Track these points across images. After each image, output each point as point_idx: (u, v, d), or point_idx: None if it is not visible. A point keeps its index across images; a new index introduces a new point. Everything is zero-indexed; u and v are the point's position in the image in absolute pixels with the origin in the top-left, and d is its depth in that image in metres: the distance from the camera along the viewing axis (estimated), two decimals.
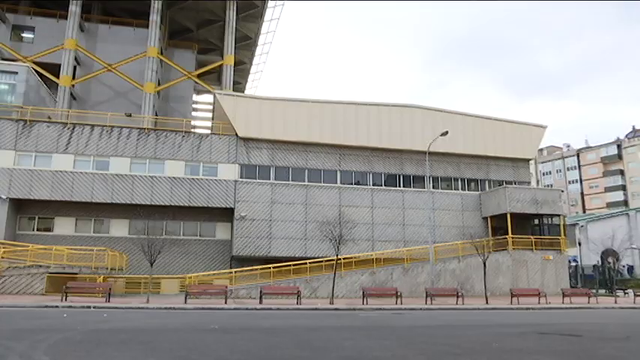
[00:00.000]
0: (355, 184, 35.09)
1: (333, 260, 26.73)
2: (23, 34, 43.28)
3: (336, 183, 34.56)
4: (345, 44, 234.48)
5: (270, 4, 48.03)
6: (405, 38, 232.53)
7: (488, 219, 36.30)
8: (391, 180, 35.96)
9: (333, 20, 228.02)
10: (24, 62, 35.84)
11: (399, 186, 35.90)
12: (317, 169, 34.35)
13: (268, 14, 49.79)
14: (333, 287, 25.63)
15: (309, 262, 29.61)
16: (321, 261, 29.69)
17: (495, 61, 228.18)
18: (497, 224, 35.71)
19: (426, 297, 25.48)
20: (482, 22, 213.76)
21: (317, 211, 33.04)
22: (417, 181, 36.27)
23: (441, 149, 35.15)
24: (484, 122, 38.38)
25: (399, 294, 24.74)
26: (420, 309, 22.56)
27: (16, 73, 30.95)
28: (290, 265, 29.47)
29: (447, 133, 30.31)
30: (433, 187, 35.76)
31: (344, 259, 29.05)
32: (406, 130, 35.99)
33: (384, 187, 35.54)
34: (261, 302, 22.88)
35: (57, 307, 18.80)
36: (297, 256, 31.97)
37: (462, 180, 37.61)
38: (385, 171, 35.85)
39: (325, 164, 34.56)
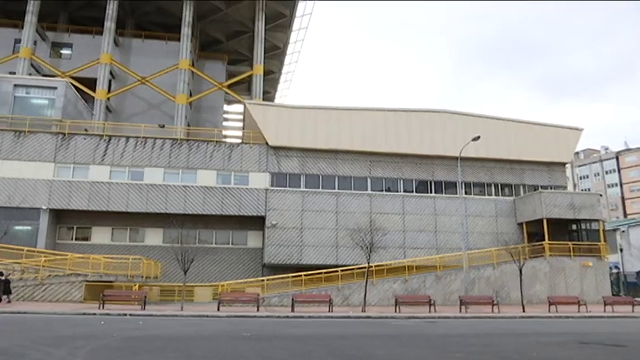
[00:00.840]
0: (386, 190, 34.81)
1: (364, 268, 26.55)
2: (62, 51, 45.04)
3: (367, 190, 34.37)
4: (371, 48, 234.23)
5: (298, 12, 48.52)
6: (432, 41, 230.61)
7: (524, 225, 35.38)
8: (422, 186, 35.52)
9: (359, 25, 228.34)
10: (62, 77, 37.21)
11: (431, 192, 35.41)
12: (347, 177, 34.28)
13: (296, 24, 50.30)
14: (365, 295, 25.44)
15: (341, 270, 29.49)
16: (353, 269, 29.55)
17: (525, 63, 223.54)
18: (533, 230, 34.78)
19: (460, 305, 25.03)
20: (510, 23, 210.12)
21: (348, 219, 32.93)
22: (449, 187, 35.71)
23: (473, 154, 34.57)
24: (517, 126, 37.55)
25: (432, 302, 24.36)
26: (454, 317, 22.13)
27: (55, 88, 32.16)
28: (321, 273, 29.43)
29: (478, 138, 29.74)
30: (465, 193, 35.13)
31: (375, 266, 28.82)
32: (436, 135, 35.54)
33: (415, 193, 35.12)
34: (293, 310, 22.88)
35: (94, 314, 19.29)
36: (328, 263, 31.88)
37: (495, 185, 36.83)
38: (416, 177, 35.43)
39: (355, 171, 34.45)
